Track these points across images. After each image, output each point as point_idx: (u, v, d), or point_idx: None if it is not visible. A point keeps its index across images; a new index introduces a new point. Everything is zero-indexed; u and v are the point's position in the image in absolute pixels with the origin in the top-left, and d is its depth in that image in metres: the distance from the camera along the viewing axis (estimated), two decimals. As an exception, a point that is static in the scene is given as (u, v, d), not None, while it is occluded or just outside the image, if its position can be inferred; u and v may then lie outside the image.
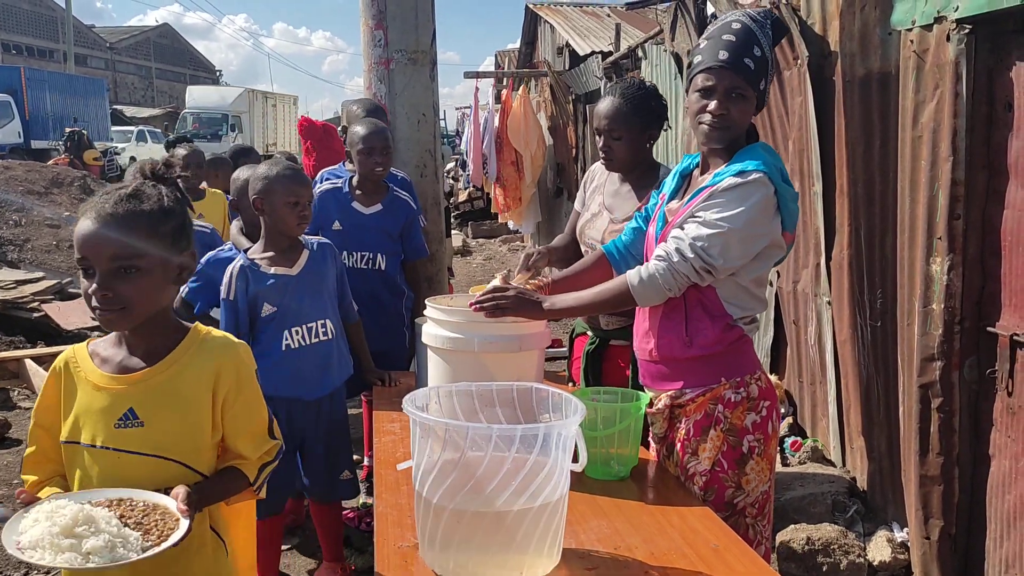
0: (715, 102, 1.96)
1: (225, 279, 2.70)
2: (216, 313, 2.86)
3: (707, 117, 1.98)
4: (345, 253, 3.46)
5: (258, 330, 2.73)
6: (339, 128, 4.21)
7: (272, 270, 2.72)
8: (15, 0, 40.46)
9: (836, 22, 3.46)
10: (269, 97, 35.59)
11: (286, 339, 2.72)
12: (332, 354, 2.83)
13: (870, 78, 3.27)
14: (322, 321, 2.78)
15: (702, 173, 2.08)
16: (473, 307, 2.04)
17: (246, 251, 2.82)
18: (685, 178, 2.16)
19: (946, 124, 2.74)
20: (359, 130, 3.40)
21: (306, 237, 2.85)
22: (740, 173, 1.91)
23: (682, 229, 1.97)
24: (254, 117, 32.33)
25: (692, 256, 1.91)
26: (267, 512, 2.77)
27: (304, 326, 2.74)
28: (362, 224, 3.47)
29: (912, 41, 2.91)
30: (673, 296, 2.00)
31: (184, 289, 3.08)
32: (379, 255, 3.50)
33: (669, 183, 2.19)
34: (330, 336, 2.81)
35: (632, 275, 2.01)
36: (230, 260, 2.80)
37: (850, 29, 3.36)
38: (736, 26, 1.98)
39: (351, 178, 3.53)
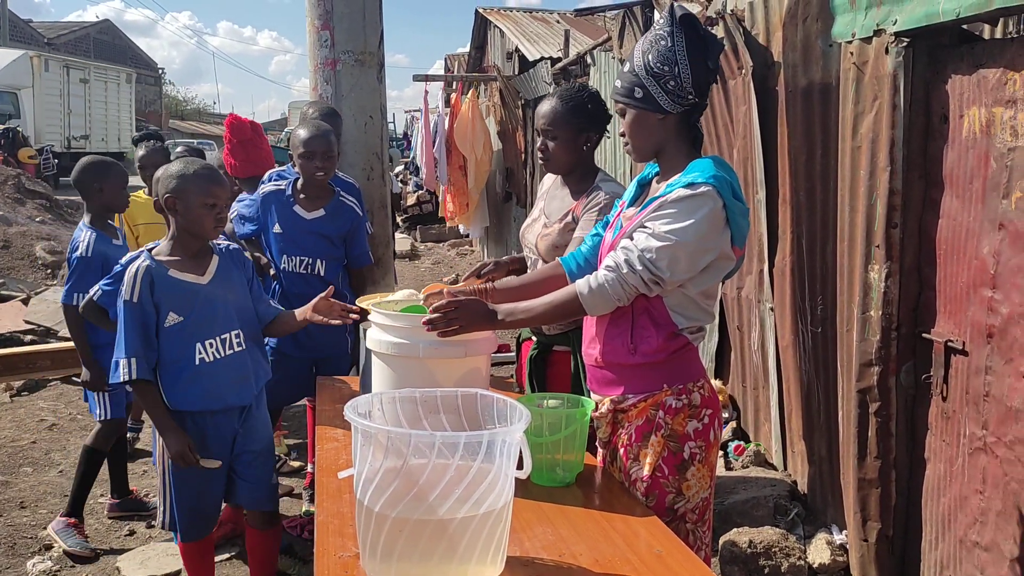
0: (620, 125, 2.10)
1: (127, 279, 2.50)
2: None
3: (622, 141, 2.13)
4: (284, 256, 3.42)
5: (162, 340, 2.53)
6: (285, 131, 4.14)
7: (181, 276, 2.54)
8: (-54, -9, 39.09)
9: (779, 33, 3.52)
10: (76, 68, 25.16)
11: (199, 352, 2.54)
12: (247, 364, 2.67)
13: (812, 88, 3.33)
14: (235, 331, 2.62)
15: (659, 180, 2.09)
16: (426, 326, 2.01)
17: (150, 250, 2.60)
18: (644, 187, 2.16)
19: (884, 135, 2.80)
20: (301, 133, 3.33)
21: (219, 243, 2.70)
22: (690, 185, 1.92)
23: (631, 239, 1.97)
24: (41, 95, 22.76)
25: (641, 268, 1.92)
26: (195, 534, 2.70)
27: (217, 338, 2.57)
28: (302, 228, 3.41)
29: (852, 53, 2.97)
30: (622, 305, 2.00)
31: (96, 290, 3.01)
32: (318, 260, 3.45)
33: (629, 191, 2.19)
34: (243, 347, 2.65)
35: (582, 284, 2.01)
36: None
37: (793, 40, 3.42)
38: (632, 50, 2.06)
39: (296, 180, 3.46)
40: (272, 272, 3.48)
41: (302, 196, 3.43)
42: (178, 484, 2.64)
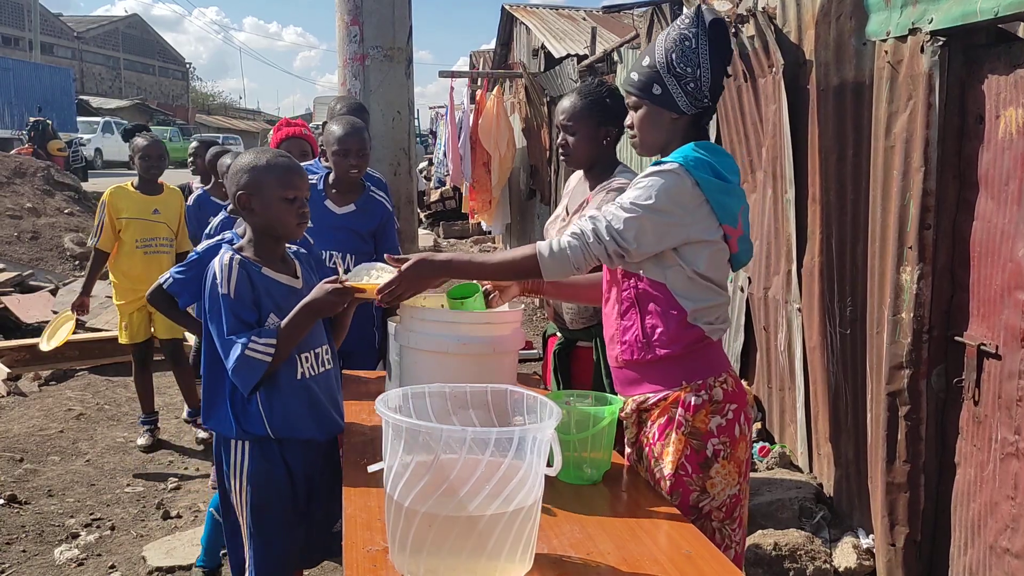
0: (628, 118, 2.12)
1: (219, 272, 2.12)
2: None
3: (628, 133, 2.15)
4: None
5: None
6: (311, 126, 4.16)
7: (276, 277, 2.21)
8: (-20, -14, 39.72)
9: (811, 31, 3.49)
10: None
11: (300, 366, 2.20)
12: (335, 385, 2.36)
13: (844, 87, 3.30)
14: (325, 346, 2.31)
15: None
16: (379, 300, 2.08)
17: (229, 242, 2.35)
18: None
19: (918, 135, 2.76)
20: (335, 129, 3.33)
21: (288, 246, 2.36)
22: (657, 163, 1.97)
23: (599, 211, 2.00)
24: None
25: (608, 239, 1.94)
26: None
27: (312, 351, 2.25)
28: (333, 224, 3.43)
29: (886, 52, 2.94)
30: (579, 273, 2.01)
31: (166, 278, 2.75)
32: (348, 255, 3.45)
33: None
34: (332, 365, 2.33)
35: (543, 246, 2.01)
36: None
37: (825, 38, 3.39)
38: (651, 43, 2.07)
39: (327, 175, 3.48)
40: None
41: (333, 191, 3.44)
42: (257, 535, 2.23)
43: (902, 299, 2.86)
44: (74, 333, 5.12)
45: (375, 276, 2.23)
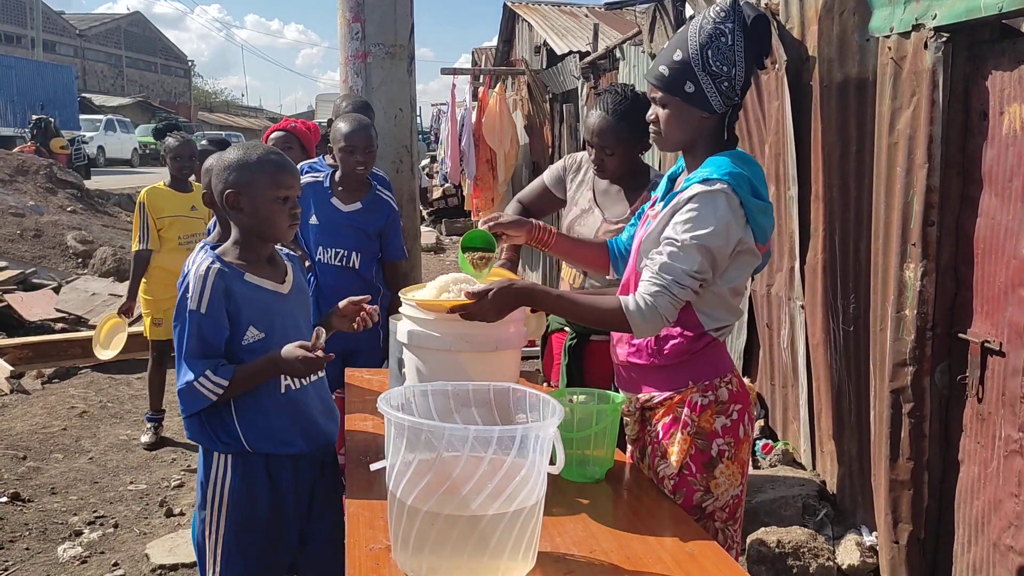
0: (650, 112, 2.03)
1: (192, 283, 1.97)
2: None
3: (650, 127, 2.05)
4: (320, 248, 3.45)
5: (237, 363, 2.02)
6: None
7: (259, 282, 2.05)
8: (-18, -16, 39.73)
9: (814, 27, 3.48)
10: None
11: (284, 378, 2.07)
12: (327, 393, 2.24)
13: (847, 84, 3.29)
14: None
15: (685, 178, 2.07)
16: (456, 312, 1.97)
17: (213, 248, 2.09)
18: (673, 181, 2.13)
19: (922, 131, 2.75)
20: (342, 126, 3.33)
21: (280, 248, 2.22)
22: (704, 180, 1.88)
23: (663, 256, 1.90)
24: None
25: (690, 281, 1.87)
26: None
27: None
28: (339, 221, 3.44)
29: (890, 48, 2.93)
30: (669, 324, 1.95)
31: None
32: (353, 253, 3.47)
33: (661, 186, 2.16)
34: (324, 372, 2.19)
35: (629, 303, 1.91)
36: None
37: (828, 34, 3.38)
38: (679, 33, 2.00)
39: (333, 173, 3.49)
40: (308, 264, 3.50)
41: (340, 188, 3.46)
42: (230, 555, 2.08)
43: (905, 296, 2.85)
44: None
45: (429, 291, 2.08)
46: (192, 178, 4.77)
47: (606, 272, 2.37)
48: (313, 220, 3.43)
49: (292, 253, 2.27)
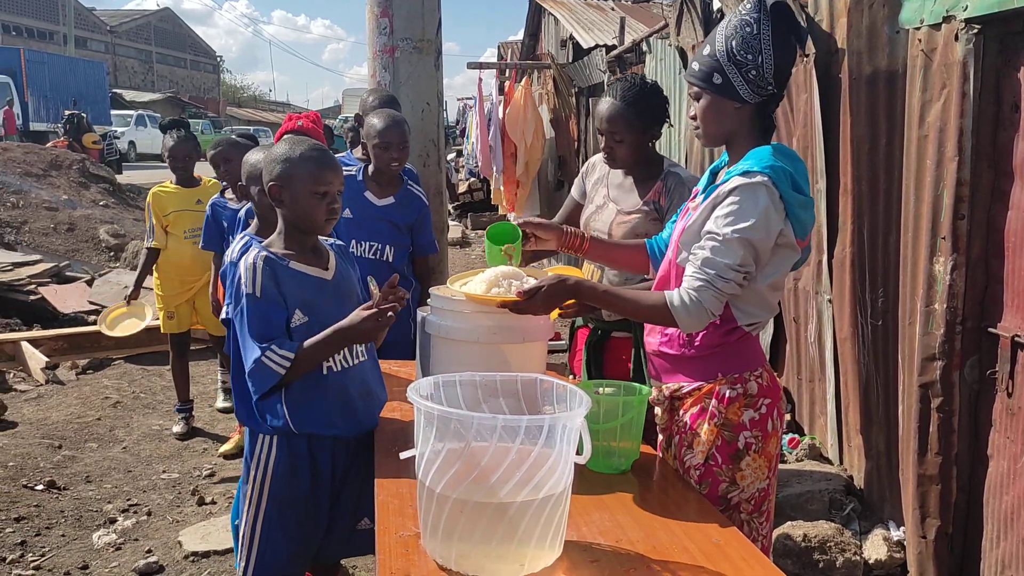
0: (690, 108, 2.07)
1: (244, 272, 2.09)
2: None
3: (692, 124, 2.09)
4: (354, 242, 3.47)
5: None
6: (339, 119, 4.13)
7: (303, 269, 2.16)
8: (16, -19, 40.35)
9: (844, 19, 3.45)
10: None
11: (327, 360, 2.17)
12: (371, 377, 2.32)
13: (877, 76, 3.26)
14: None
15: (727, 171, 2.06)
16: (507, 307, 2.01)
17: (259, 241, 2.26)
18: (715, 174, 2.13)
19: (952, 124, 2.73)
20: (376, 123, 3.34)
21: (323, 238, 2.31)
22: (745, 173, 1.89)
23: (706, 250, 1.91)
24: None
25: (734, 275, 1.88)
26: None
27: None
28: (373, 215, 3.47)
29: (920, 40, 2.90)
30: (713, 319, 1.96)
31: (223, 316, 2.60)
32: (387, 247, 3.50)
33: (703, 180, 2.16)
34: (367, 357, 2.30)
35: (673, 297, 1.92)
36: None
37: (858, 26, 3.35)
38: (713, 32, 2.01)
39: (366, 167, 3.52)
40: None
41: (372, 183, 3.49)
42: (270, 529, 2.21)
43: (935, 290, 2.83)
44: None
45: (477, 285, 2.11)
46: (216, 173, 4.83)
47: (646, 272, 2.37)
48: (347, 214, 3.43)
49: (337, 242, 2.37)
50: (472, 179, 14.56)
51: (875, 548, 3.13)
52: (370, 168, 3.50)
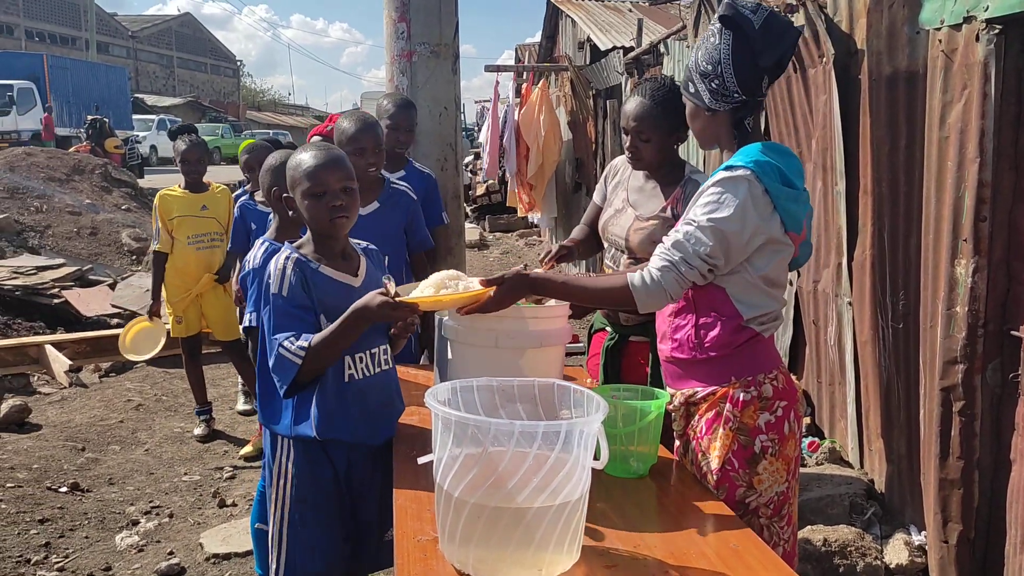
0: None
1: (273, 272, 2.10)
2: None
3: None
4: None
5: None
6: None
7: (333, 274, 2.15)
8: (40, -12, 40.86)
9: (863, 20, 3.43)
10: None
11: (349, 367, 2.15)
12: (392, 387, 2.30)
13: (897, 77, 3.24)
14: (384, 347, 2.25)
15: None
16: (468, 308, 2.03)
17: (291, 242, 2.25)
18: None
19: (973, 125, 2.71)
20: (347, 126, 3.13)
21: (356, 242, 2.32)
22: (728, 168, 1.93)
23: (679, 233, 1.96)
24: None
25: (698, 263, 1.92)
26: None
27: (368, 352, 2.19)
28: (361, 225, 3.23)
29: (940, 40, 2.88)
30: (674, 302, 2.00)
31: (244, 324, 2.73)
32: (383, 257, 3.37)
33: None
34: (391, 365, 2.29)
35: (636, 279, 1.97)
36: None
37: (877, 27, 3.33)
38: None
39: None
40: None
41: None
42: (294, 528, 2.21)
43: (956, 292, 2.81)
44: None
45: (424, 290, 2.09)
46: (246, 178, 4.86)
47: None
48: None
49: (370, 247, 2.37)
50: (490, 181, 14.57)
51: (896, 553, 3.11)
52: None
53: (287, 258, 2.11)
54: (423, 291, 2.08)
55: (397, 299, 1.97)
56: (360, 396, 2.18)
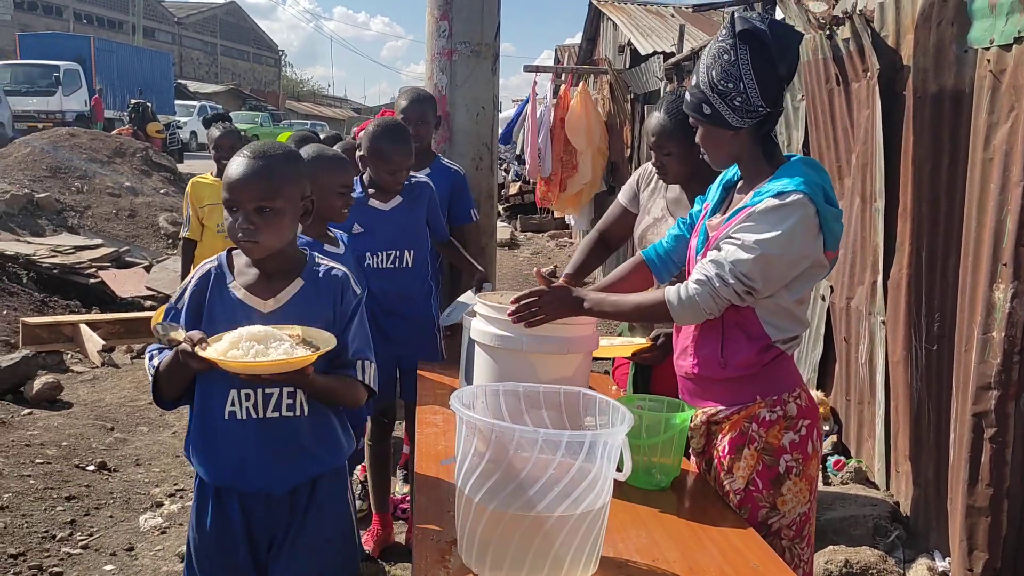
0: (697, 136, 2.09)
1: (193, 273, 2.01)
2: None
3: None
4: (369, 255, 3.24)
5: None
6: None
7: (241, 294, 1.93)
8: (89, -29, 41.59)
9: (910, 36, 3.38)
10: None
11: (232, 403, 1.90)
12: (301, 436, 1.94)
13: (942, 95, 3.19)
14: (289, 389, 1.90)
15: (743, 188, 2.05)
16: (511, 317, 2.04)
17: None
18: (729, 190, 2.13)
19: (1019, 148, 2.66)
20: (376, 134, 3.13)
21: (324, 261, 2.03)
22: (779, 194, 1.88)
23: (720, 251, 1.93)
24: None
25: (733, 281, 1.89)
26: None
27: (260, 390, 1.89)
28: (385, 221, 3.23)
29: (989, 60, 2.83)
30: (712, 318, 1.98)
31: None
32: (406, 251, 3.28)
33: (713, 193, 2.16)
34: (302, 412, 1.92)
35: (671, 293, 1.97)
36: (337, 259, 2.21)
37: (924, 44, 3.28)
38: (699, 60, 2.03)
39: (361, 176, 3.28)
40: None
41: (371, 190, 3.25)
42: (190, 569, 2.00)
43: (993, 317, 2.76)
44: None
45: (251, 353, 1.73)
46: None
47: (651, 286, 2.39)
48: (357, 229, 3.20)
49: (341, 274, 2.01)
50: (522, 181, 14.57)
51: (919, 578, 3.06)
52: (365, 176, 3.26)
53: (208, 265, 1.98)
54: (227, 343, 1.75)
55: (199, 351, 1.72)
56: (245, 438, 1.89)
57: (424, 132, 3.52)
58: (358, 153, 3.26)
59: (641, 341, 2.47)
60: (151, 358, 1.93)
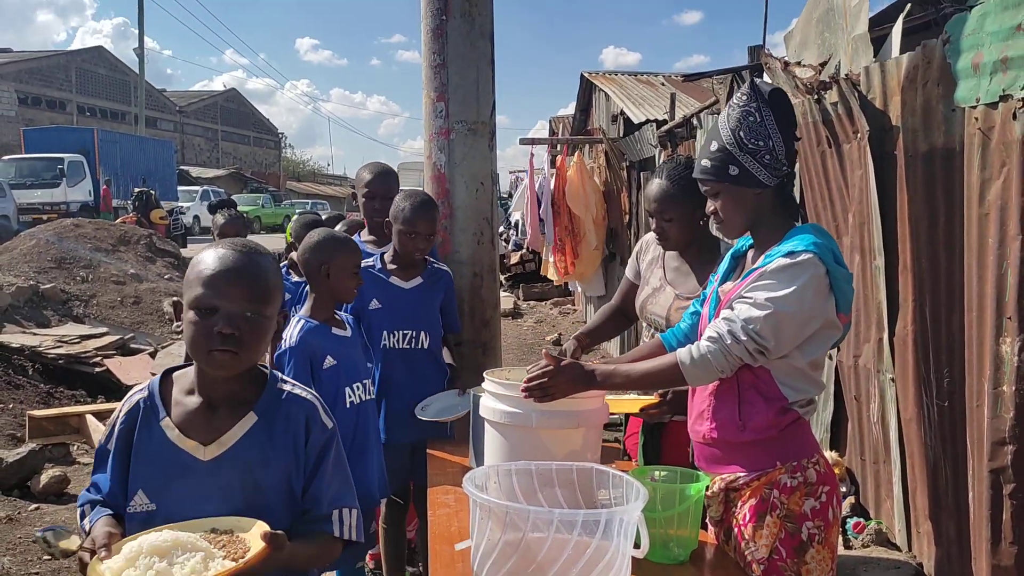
0: (708, 205, 2.12)
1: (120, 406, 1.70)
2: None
3: (711, 220, 2.16)
4: (385, 333, 3.21)
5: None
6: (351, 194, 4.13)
7: (175, 436, 1.63)
8: (94, 65, 42.69)
9: (897, 97, 3.45)
10: None
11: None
12: None
13: (933, 154, 3.24)
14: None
15: (755, 254, 2.08)
16: (523, 393, 2.04)
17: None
18: (738, 260, 2.16)
19: (1014, 202, 2.69)
20: (405, 207, 3.16)
21: (287, 386, 1.72)
22: (789, 254, 1.92)
23: (732, 309, 1.96)
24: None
25: (745, 339, 1.90)
26: None
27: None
28: (404, 299, 3.22)
29: (977, 118, 2.88)
30: (724, 376, 1.98)
31: None
32: (423, 332, 3.24)
33: (723, 265, 2.19)
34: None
35: (683, 354, 1.99)
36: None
37: (912, 104, 3.34)
38: (711, 128, 2.09)
39: (382, 254, 3.31)
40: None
41: (393, 266, 3.27)
42: None
43: (1002, 371, 2.75)
44: None
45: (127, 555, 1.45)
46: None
47: None
48: (375, 304, 3.20)
49: (307, 403, 1.68)
50: (522, 251, 14.68)
51: (949, 643, 2.98)
52: (387, 253, 3.29)
53: (137, 395, 1.66)
54: (123, 560, 1.44)
55: (96, 563, 1.45)
56: None
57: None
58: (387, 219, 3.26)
59: (649, 397, 2.47)
60: (82, 515, 1.64)
